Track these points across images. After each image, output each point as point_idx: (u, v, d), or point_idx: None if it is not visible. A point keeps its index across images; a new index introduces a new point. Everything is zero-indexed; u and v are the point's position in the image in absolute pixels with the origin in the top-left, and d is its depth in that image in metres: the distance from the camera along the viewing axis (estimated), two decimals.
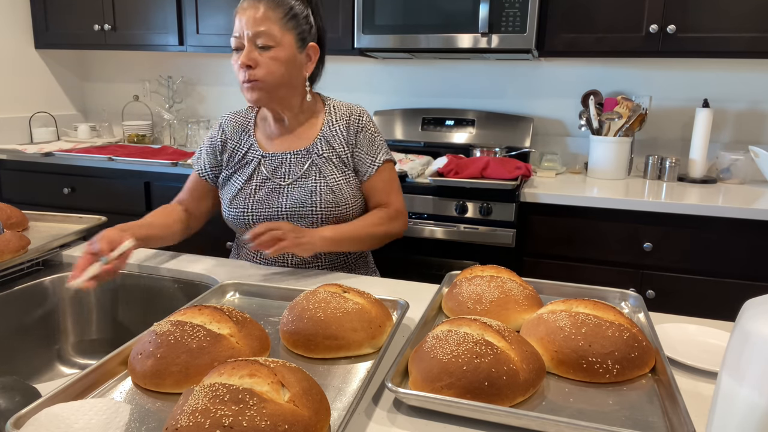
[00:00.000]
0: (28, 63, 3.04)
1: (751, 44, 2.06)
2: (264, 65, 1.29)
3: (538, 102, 2.67)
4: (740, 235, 1.90)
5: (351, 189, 1.40)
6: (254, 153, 1.41)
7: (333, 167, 1.39)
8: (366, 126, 1.44)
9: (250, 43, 1.28)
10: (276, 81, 1.30)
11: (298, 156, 1.39)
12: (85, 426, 0.64)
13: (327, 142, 1.40)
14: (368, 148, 1.43)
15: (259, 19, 1.27)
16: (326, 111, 1.44)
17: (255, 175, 1.40)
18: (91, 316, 1.32)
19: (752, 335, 0.57)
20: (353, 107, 1.46)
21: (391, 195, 1.46)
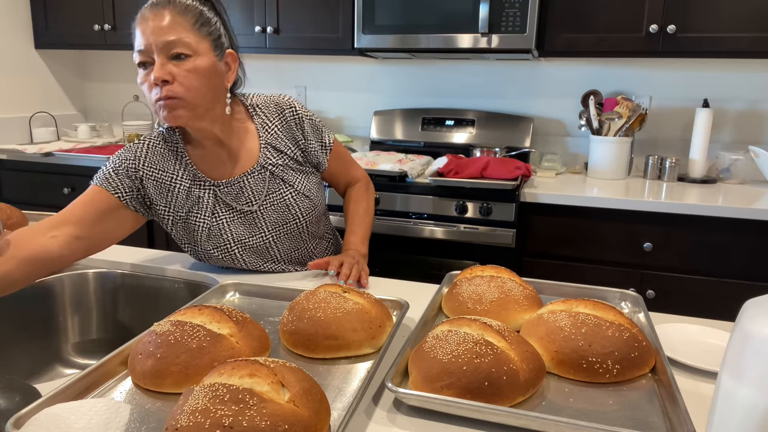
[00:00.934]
0: (28, 63, 3.04)
1: (751, 44, 2.06)
2: (182, 78, 1.09)
3: (538, 102, 2.67)
4: (740, 235, 1.90)
5: (316, 184, 1.33)
6: (202, 184, 1.22)
7: (292, 172, 1.29)
8: (302, 115, 1.31)
9: (162, 56, 1.08)
10: (198, 96, 1.11)
11: (254, 175, 1.24)
12: (85, 426, 0.64)
13: (274, 149, 1.27)
14: (315, 137, 1.33)
15: (168, 27, 1.08)
16: (253, 114, 1.28)
17: (217, 208, 1.23)
18: (91, 316, 1.32)
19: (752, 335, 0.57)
20: (278, 99, 1.31)
21: (353, 170, 1.45)
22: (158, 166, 1.21)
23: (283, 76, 3.00)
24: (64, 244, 1.08)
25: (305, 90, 2.98)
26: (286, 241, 1.30)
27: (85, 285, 1.31)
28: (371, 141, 2.81)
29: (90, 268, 1.32)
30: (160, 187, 1.21)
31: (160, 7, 1.11)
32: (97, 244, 1.15)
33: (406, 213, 2.18)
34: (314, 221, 1.33)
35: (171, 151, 1.23)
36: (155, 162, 1.21)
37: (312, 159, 1.33)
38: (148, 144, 1.22)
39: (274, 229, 1.27)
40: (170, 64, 1.09)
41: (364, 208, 1.42)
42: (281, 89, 3.01)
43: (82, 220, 1.12)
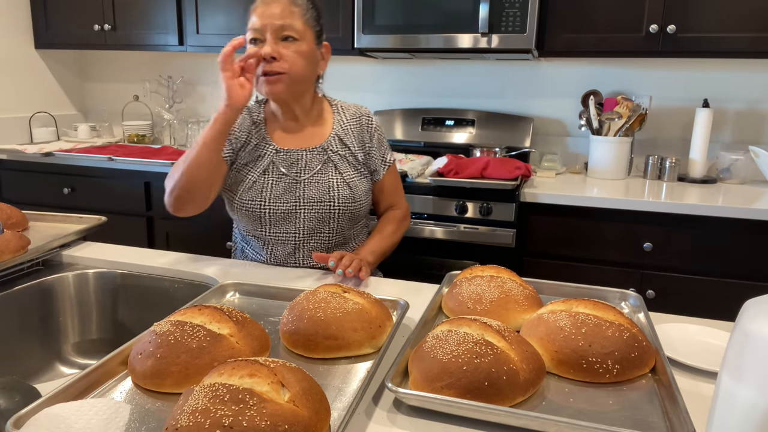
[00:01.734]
0: (28, 63, 3.04)
1: (751, 44, 2.06)
2: (288, 58, 1.30)
3: (538, 102, 2.67)
4: (740, 235, 1.90)
5: (364, 186, 1.45)
6: (267, 147, 1.41)
7: (347, 165, 1.43)
8: (377, 128, 1.50)
9: (274, 36, 1.29)
10: (298, 75, 1.32)
11: (314, 152, 1.41)
12: (85, 426, 0.64)
13: (340, 140, 1.43)
14: (379, 149, 1.49)
15: (284, 12, 1.29)
16: (334, 110, 1.48)
17: (270, 169, 1.39)
18: (91, 316, 1.32)
19: (752, 335, 0.57)
20: (360, 108, 1.50)
21: (400, 195, 1.57)
22: (243, 128, 1.43)
23: None
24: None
25: None
26: (314, 220, 1.38)
27: (85, 285, 1.31)
28: None
29: (90, 268, 1.32)
30: (237, 141, 1.41)
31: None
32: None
33: None
34: (347, 216, 1.41)
35: (253, 119, 1.45)
36: (242, 125, 1.43)
37: (371, 164, 1.48)
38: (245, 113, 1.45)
39: (309, 203, 1.38)
40: (280, 44, 1.30)
41: (390, 231, 1.50)
42: None
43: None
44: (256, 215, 1.38)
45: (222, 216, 2.43)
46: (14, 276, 1.24)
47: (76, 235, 1.40)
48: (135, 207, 2.61)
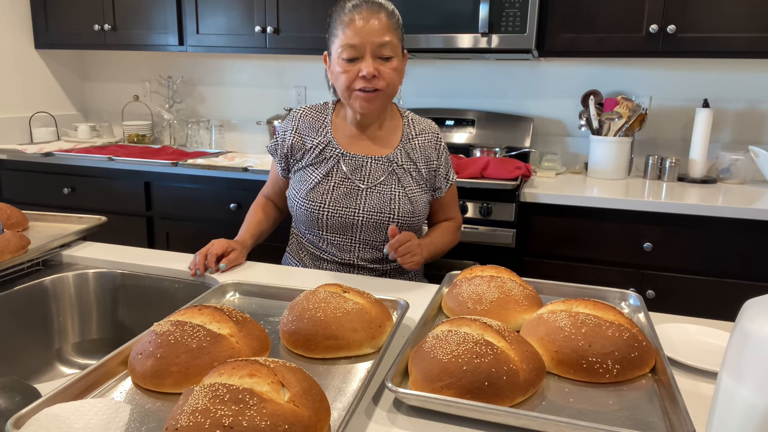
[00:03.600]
0: (28, 63, 3.04)
1: (751, 44, 2.06)
2: (386, 76, 1.30)
3: (538, 102, 2.67)
4: (740, 235, 1.90)
5: (424, 201, 1.45)
6: (333, 150, 1.40)
7: (410, 178, 1.42)
8: (444, 146, 1.49)
9: (372, 54, 1.28)
10: (393, 90, 1.34)
11: (379, 162, 1.40)
12: (85, 426, 0.64)
13: (407, 154, 1.42)
14: (446, 167, 1.49)
15: (384, 29, 1.28)
16: (404, 123, 1.47)
17: (334, 172, 1.39)
18: (91, 316, 1.32)
19: (752, 335, 0.57)
20: (429, 123, 1.50)
21: (455, 209, 1.57)
22: (304, 131, 1.44)
23: (283, 76, 3.00)
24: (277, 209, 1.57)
25: (305, 90, 2.98)
26: (371, 230, 1.38)
27: (85, 285, 1.31)
28: None
29: (90, 268, 1.32)
30: (299, 145, 1.43)
31: (375, 10, 1.29)
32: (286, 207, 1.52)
33: None
34: (405, 228, 1.42)
35: (318, 120, 1.45)
36: (302, 129, 1.44)
37: (435, 182, 1.47)
38: (301, 114, 1.46)
39: (368, 212, 1.37)
40: (378, 61, 1.29)
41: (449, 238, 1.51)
42: (281, 89, 3.00)
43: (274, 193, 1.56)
44: (313, 216, 1.38)
45: (222, 216, 2.43)
46: (14, 276, 1.24)
47: (76, 235, 1.40)
48: (135, 207, 2.61)
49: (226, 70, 3.10)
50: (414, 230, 1.44)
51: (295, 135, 1.44)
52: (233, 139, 3.12)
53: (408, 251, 1.29)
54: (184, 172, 2.47)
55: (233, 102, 3.11)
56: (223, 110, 3.14)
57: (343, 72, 1.30)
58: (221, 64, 3.10)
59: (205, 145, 3.02)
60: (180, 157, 2.58)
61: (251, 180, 2.38)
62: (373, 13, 1.28)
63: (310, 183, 1.39)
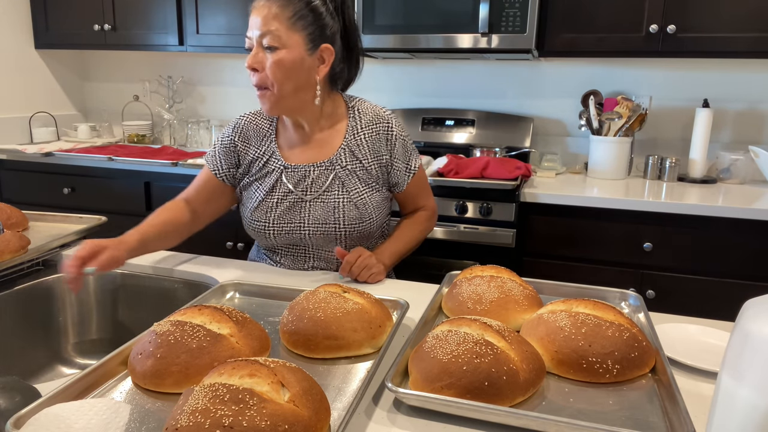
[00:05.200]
0: (28, 63, 3.04)
1: (751, 44, 2.06)
2: (269, 69, 1.20)
3: (538, 102, 2.67)
4: (740, 235, 1.90)
5: (375, 202, 1.34)
6: (276, 162, 1.33)
7: (357, 180, 1.32)
8: (397, 135, 1.36)
9: (258, 44, 1.20)
10: (281, 87, 1.21)
11: (321, 168, 1.31)
12: (85, 426, 0.64)
13: (351, 153, 1.32)
14: (403, 158, 1.37)
15: (266, 19, 1.18)
16: (350, 116, 1.35)
17: (277, 186, 1.32)
18: (91, 316, 1.32)
19: (752, 335, 0.57)
20: (380, 112, 1.37)
21: (426, 197, 1.47)
22: (248, 139, 1.36)
23: None
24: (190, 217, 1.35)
25: None
26: (320, 240, 1.32)
27: (85, 285, 1.31)
28: None
29: None
30: (244, 156, 1.36)
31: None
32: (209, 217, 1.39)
33: None
34: (356, 236, 1.33)
35: (261, 128, 1.37)
36: (247, 135, 1.36)
37: (391, 178, 1.37)
38: (245, 120, 1.38)
39: (313, 224, 1.31)
40: (263, 53, 1.20)
41: (416, 231, 1.43)
42: None
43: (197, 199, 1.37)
44: (261, 235, 1.34)
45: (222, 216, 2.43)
46: (14, 276, 1.24)
47: (76, 235, 1.40)
48: (135, 207, 2.61)
49: (226, 70, 3.10)
50: (366, 236, 1.36)
51: (240, 143, 1.36)
52: None
53: (363, 267, 1.22)
54: (184, 172, 2.47)
55: (233, 102, 3.11)
56: (223, 110, 3.14)
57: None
58: (221, 64, 3.10)
59: (205, 145, 3.02)
60: (180, 157, 2.58)
61: None
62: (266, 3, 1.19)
63: (255, 201, 1.33)
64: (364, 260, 1.22)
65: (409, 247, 1.41)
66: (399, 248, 1.37)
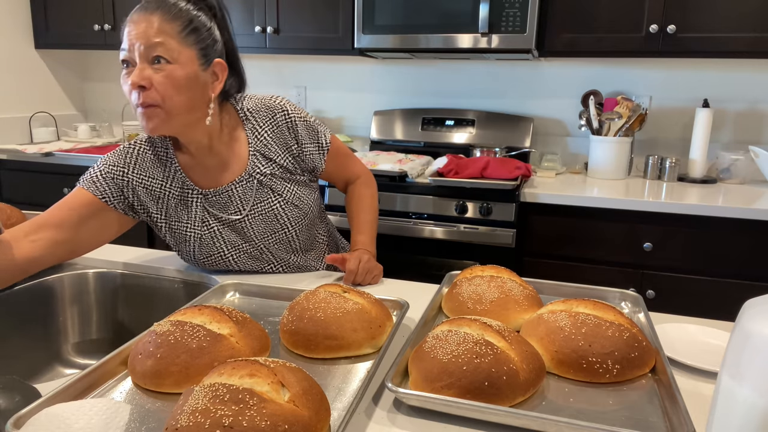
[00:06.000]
0: (28, 63, 3.04)
1: (751, 44, 2.06)
2: (158, 86, 1.06)
3: (538, 102, 2.67)
4: (740, 235, 1.90)
5: (306, 192, 1.29)
6: (190, 192, 1.21)
7: (281, 180, 1.25)
8: (294, 118, 1.26)
9: (143, 60, 1.06)
10: (173, 104, 1.08)
11: (242, 183, 1.21)
12: (85, 426, 0.64)
13: (263, 156, 1.23)
14: (311, 139, 1.28)
15: (154, 32, 1.06)
16: (243, 118, 1.24)
17: (207, 216, 1.21)
18: (91, 316, 1.32)
19: (752, 335, 0.57)
20: (270, 103, 1.26)
21: (352, 166, 1.40)
22: (148, 173, 1.20)
23: (283, 76, 3.00)
24: (45, 248, 1.08)
25: (305, 90, 2.98)
26: (279, 249, 1.27)
27: (85, 285, 1.31)
28: (371, 141, 2.81)
29: (90, 268, 1.32)
30: (151, 194, 1.20)
31: (150, 11, 1.07)
32: (81, 247, 1.15)
33: (406, 213, 2.18)
34: (305, 229, 1.29)
35: (160, 157, 1.21)
36: (145, 168, 1.20)
37: (307, 164, 1.29)
38: (138, 150, 1.20)
39: (263, 238, 1.24)
40: (150, 69, 1.06)
41: (367, 205, 1.39)
42: (281, 89, 3.00)
43: (63, 223, 1.12)
44: (224, 263, 1.25)
45: None
46: None
47: None
48: None
49: None
50: (312, 226, 1.32)
51: (137, 176, 1.19)
52: None
53: (366, 272, 1.21)
54: None
55: None
56: None
57: (123, 83, 1.09)
58: None
59: None
60: None
61: None
62: (146, 14, 1.07)
63: (194, 241, 1.22)
64: (365, 265, 1.22)
65: (373, 220, 1.39)
66: (371, 229, 1.37)
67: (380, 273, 1.25)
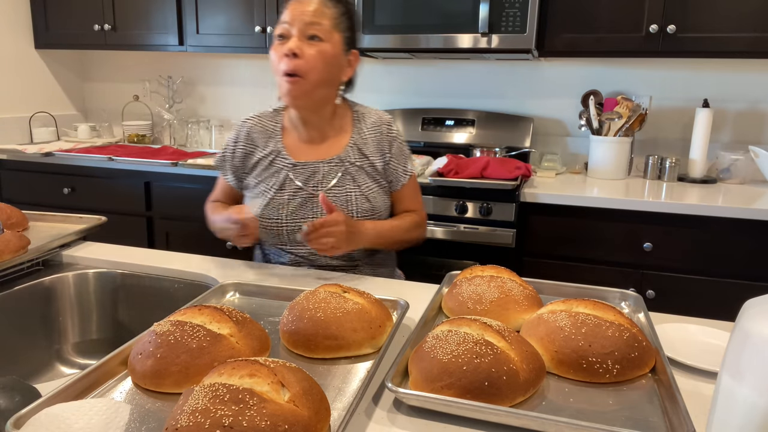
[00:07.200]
0: (28, 63, 3.04)
1: (751, 44, 2.06)
2: (309, 58, 1.25)
3: (538, 102, 2.67)
4: (740, 235, 1.90)
5: (383, 196, 1.41)
6: (283, 161, 1.38)
7: (365, 175, 1.38)
8: (397, 136, 1.43)
9: (300, 33, 1.25)
10: (317, 77, 1.27)
11: (331, 164, 1.37)
12: (85, 426, 0.64)
13: (359, 150, 1.39)
14: (400, 158, 1.43)
15: (314, 11, 1.26)
16: (354, 117, 1.42)
17: (286, 184, 1.37)
18: (91, 316, 1.32)
19: (752, 335, 0.57)
20: (381, 115, 1.44)
21: (416, 202, 1.49)
22: (252, 141, 1.42)
23: None
24: None
25: None
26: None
27: (85, 285, 1.31)
28: None
29: (90, 268, 1.32)
30: (249, 156, 1.41)
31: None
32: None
33: None
34: None
35: (269, 128, 1.42)
36: (252, 138, 1.42)
37: (389, 176, 1.42)
38: (252, 121, 1.43)
39: None
40: (304, 42, 1.25)
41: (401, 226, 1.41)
42: None
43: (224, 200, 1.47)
44: (273, 232, 1.37)
45: None
46: (14, 276, 1.24)
47: (76, 235, 1.40)
48: (135, 207, 2.61)
49: (226, 70, 3.10)
50: None
51: (245, 146, 1.42)
52: None
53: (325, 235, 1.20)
54: (184, 172, 2.47)
55: (233, 102, 3.11)
56: (223, 110, 3.14)
57: (273, 50, 1.29)
58: (221, 64, 3.10)
59: (205, 145, 3.02)
60: (180, 157, 2.58)
61: None
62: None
63: (264, 200, 1.37)
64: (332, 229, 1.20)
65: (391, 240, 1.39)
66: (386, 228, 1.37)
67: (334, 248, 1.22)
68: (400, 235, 1.40)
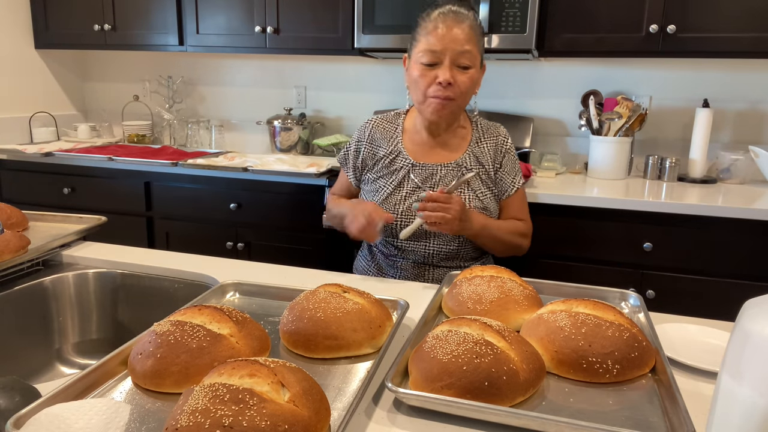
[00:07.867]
0: (28, 63, 3.04)
1: (751, 44, 2.06)
2: (461, 84, 1.32)
3: (538, 102, 2.67)
4: (740, 235, 1.90)
5: (493, 202, 1.47)
6: (403, 160, 1.45)
7: (480, 182, 1.44)
8: (510, 149, 1.50)
9: (451, 63, 1.30)
10: (466, 100, 1.37)
11: (448, 168, 1.43)
12: (85, 426, 0.64)
13: (475, 158, 1.45)
14: (510, 170, 1.49)
15: (465, 39, 1.30)
16: (473, 127, 1.49)
17: (405, 182, 1.44)
18: (91, 316, 1.32)
19: (752, 335, 0.57)
20: (497, 127, 1.52)
21: (523, 213, 1.53)
22: (375, 140, 1.50)
23: (283, 76, 3.00)
24: None
25: (305, 90, 2.98)
26: (444, 236, 1.40)
27: (85, 285, 1.31)
28: None
29: (90, 268, 1.32)
30: (371, 155, 1.50)
31: (461, 19, 1.31)
32: None
33: None
34: None
35: (389, 130, 1.50)
36: (374, 138, 1.50)
37: (499, 184, 1.48)
38: (374, 122, 1.52)
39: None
40: (455, 70, 1.32)
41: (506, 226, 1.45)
42: (281, 89, 3.00)
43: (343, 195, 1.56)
44: (388, 227, 1.41)
45: (222, 216, 2.43)
46: (14, 276, 1.24)
47: (76, 235, 1.40)
48: (135, 207, 2.61)
49: (226, 70, 3.10)
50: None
51: (367, 145, 1.50)
52: (233, 139, 3.12)
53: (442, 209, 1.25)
54: (184, 172, 2.47)
55: (233, 102, 3.11)
56: (223, 110, 3.14)
57: (421, 76, 1.34)
58: (221, 64, 3.10)
59: (205, 145, 3.02)
60: (180, 157, 2.58)
61: (251, 180, 2.38)
62: (457, 22, 1.30)
63: (382, 194, 1.44)
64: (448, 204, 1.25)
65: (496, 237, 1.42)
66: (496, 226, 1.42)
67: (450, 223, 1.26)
68: (503, 234, 1.44)
